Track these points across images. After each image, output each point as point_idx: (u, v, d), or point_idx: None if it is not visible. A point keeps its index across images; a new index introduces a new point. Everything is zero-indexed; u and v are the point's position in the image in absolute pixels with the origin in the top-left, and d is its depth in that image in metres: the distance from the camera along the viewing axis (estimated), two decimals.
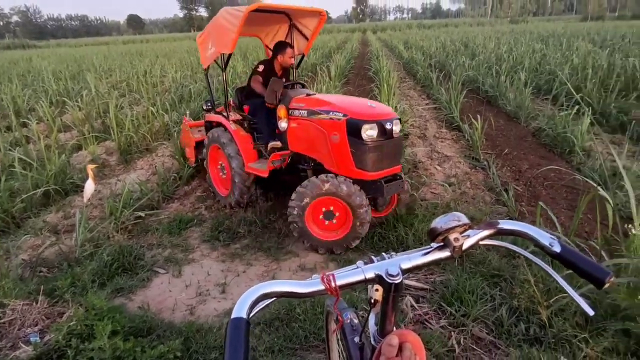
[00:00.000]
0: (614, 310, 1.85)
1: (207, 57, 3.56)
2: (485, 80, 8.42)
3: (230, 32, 3.15)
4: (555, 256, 0.59)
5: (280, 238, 3.29)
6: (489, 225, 0.66)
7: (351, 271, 0.63)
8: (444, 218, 0.61)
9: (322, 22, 3.95)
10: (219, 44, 3.38)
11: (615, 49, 10.45)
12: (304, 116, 3.08)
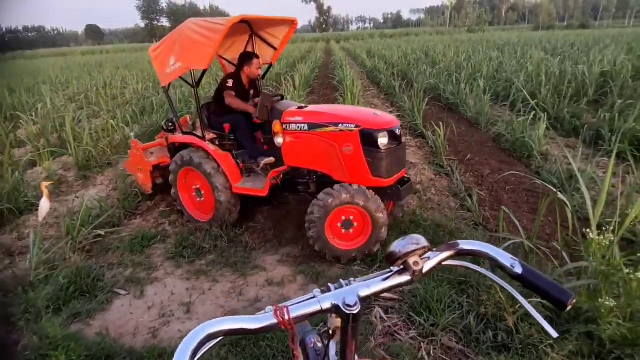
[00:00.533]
0: (577, 314, 1.90)
1: (170, 73, 3.21)
2: (446, 87, 8.69)
3: (205, 47, 2.94)
4: (517, 278, 0.57)
5: (247, 252, 3.20)
6: (449, 247, 0.63)
7: (307, 302, 0.58)
8: (402, 242, 0.58)
9: (292, 30, 3.93)
10: (187, 58, 3.07)
11: (566, 57, 11.10)
12: (304, 130, 3.01)
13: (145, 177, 4.00)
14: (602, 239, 1.76)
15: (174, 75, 3.20)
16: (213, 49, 2.94)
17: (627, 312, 1.71)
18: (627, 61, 8.86)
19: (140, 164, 3.98)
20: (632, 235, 2.65)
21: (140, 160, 3.96)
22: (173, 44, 3.24)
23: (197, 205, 3.67)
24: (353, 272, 2.83)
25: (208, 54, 2.94)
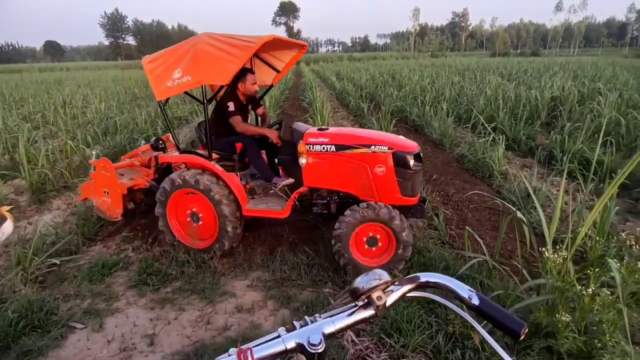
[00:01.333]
0: (537, 329, 1.97)
1: (172, 86, 3.00)
2: (412, 110, 9.01)
3: (227, 62, 2.86)
4: (474, 309, 0.60)
5: (215, 277, 3.11)
6: (410, 281, 0.65)
7: (271, 342, 0.58)
8: (365, 277, 0.59)
9: (300, 54, 3.93)
10: (202, 73, 2.92)
11: (520, 82, 11.85)
12: (331, 151, 3.03)
13: (116, 201, 3.63)
14: (556, 257, 1.86)
15: (178, 89, 3.01)
16: (237, 66, 2.88)
17: (581, 326, 1.80)
18: (573, 87, 9.59)
19: (108, 187, 3.62)
20: (584, 251, 2.80)
21: (110, 182, 3.60)
22: (180, 57, 3.05)
23: (190, 230, 3.44)
24: (324, 295, 2.81)
25: (230, 70, 2.87)
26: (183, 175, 3.24)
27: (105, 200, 3.68)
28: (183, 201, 3.38)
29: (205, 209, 3.30)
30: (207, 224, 3.35)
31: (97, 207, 3.75)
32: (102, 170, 3.62)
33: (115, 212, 3.66)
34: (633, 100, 7.93)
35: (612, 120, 6.64)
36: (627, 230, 3.78)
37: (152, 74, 3.14)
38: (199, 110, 9.73)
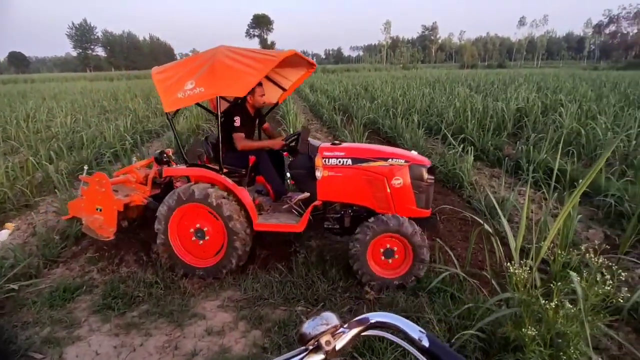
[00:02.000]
0: (506, 342, 2.00)
1: (183, 98, 2.93)
2: (384, 122, 9.16)
3: (246, 75, 2.88)
4: (424, 351, 0.59)
5: (185, 299, 3.01)
6: (359, 322, 0.64)
7: None
8: (312, 322, 0.57)
9: (309, 73, 3.93)
10: (218, 85, 2.89)
11: (487, 94, 12.29)
12: (348, 164, 3.08)
13: (110, 218, 3.41)
14: (520, 271, 1.90)
15: (189, 100, 2.95)
16: (256, 79, 2.93)
17: (547, 339, 1.83)
18: (537, 98, 10.03)
19: (102, 203, 3.39)
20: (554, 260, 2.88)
21: (105, 199, 3.38)
22: (195, 68, 3.01)
23: (193, 248, 3.28)
24: (297, 314, 2.77)
25: (249, 82, 2.90)
26: (192, 189, 3.11)
27: (97, 218, 3.45)
28: (187, 217, 3.24)
29: (213, 225, 3.19)
30: (213, 241, 3.23)
31: (86, 226, 3.52)
32: (95, 186, 3.42)
33: (108, 230, 3.44)
34: (592, 112, 8.35)
35: (573, 131, 6.96)
36: (590, 237, 3.96)
37: (161, 85, 3.06)
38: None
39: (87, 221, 3.47)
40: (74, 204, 3.56)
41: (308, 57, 3.64)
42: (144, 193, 3.66)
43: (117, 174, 3.93)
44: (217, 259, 3.23)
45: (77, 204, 3.53)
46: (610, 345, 2.41)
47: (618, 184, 4.58)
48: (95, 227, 3.44)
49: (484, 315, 2.18)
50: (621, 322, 2.60)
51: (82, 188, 3.52)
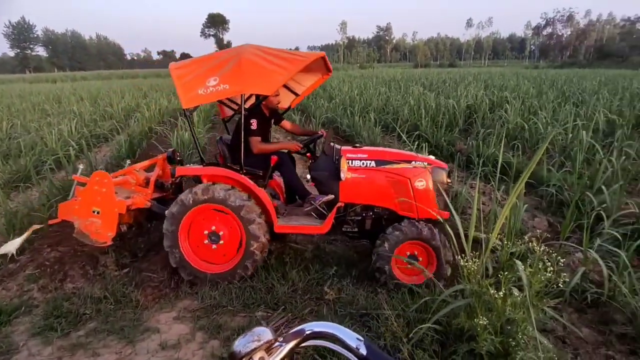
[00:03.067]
0: (461, 333, 2.06)
1: (204, 94, 2.82)
2: (342, 120, 9.23)
3: (274, 74, 2.85)
4: (362, 359, 0.57)
5: (137, 312, 2.85)
6: (295, 335, 0.61)
7: None
8: (243, 340, 0.54)
9: (324, 79, 3.85)
10: (244, 82, 2.83)
11: (440, 92, 12.74)
12: (371, 166, 3.09)
13: (109, 222, 3.17)
14: (470, 264, 1.97)
15: (211, 97, 2.83)
16: (284, 78, 2.90)
17: (497, 327, 1.91)
18: (485, 96, 10.53)
19: (101, 205, 3.15)
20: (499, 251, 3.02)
21: (105, 200, 3.15)
22: (219, 65, 2.93)
23: (204, 252, 3.13)
24: (257, 319, 2.70)
25: (277, 81, 2.86)
26: (211, 189, 2.97)
27: (93, 221, 3.18)
28: (201, 219, 3.08)
29: (229, 229, 3.05)
30: (228, 246, 3.09)
31: (78, 231, 3.22)
32: (95, 186, 3.16)
33: (105, 235, 3.18)
34: (534, 107, 8.90)
35: (517, 126, 7.38)
36: (535, 225, 4.21)
37: (180, 80, 2.91)
38: (121, 127, 9.07)
39: (80, 225, 3.20)
40: (66, 205, 3.26)
41: (329, 63, 3.55)
42: (146, 195, 3.43)
43: (114, 176, 3.61)
44: (231, 264, 3.10)
45: (69, 206, 3.23)
46: (555, 327, 2.56)
47: (558, 174, 4.90)
48: (91, 232, 3.18)
49: (440, 307, 2.24)
50: (564, 304, 2.78)
51: (78, 188, 3.26)
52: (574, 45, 69.54)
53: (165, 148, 6.54)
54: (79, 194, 3.21)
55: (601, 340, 2.49)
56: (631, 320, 2.51)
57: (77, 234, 3.23)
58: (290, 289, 2.97)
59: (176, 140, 6.47)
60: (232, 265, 3.09)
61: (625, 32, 65.31)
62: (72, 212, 3.22)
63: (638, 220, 3.71)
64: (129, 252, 3.67)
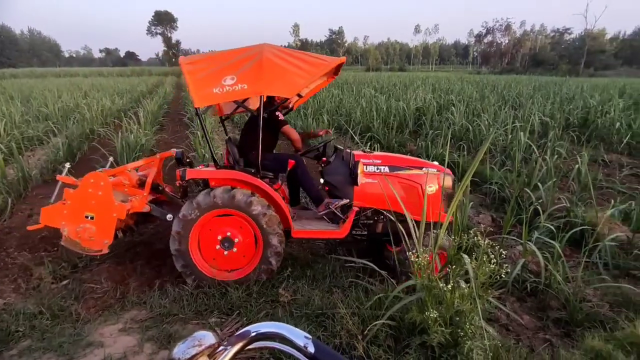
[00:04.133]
0: (413, 327, 2.12)
1: (220, 93, 2.66)
2: (296, 122, 9.23)
3: (296, 76, 2.78)
4: (310, 357, 0.56)
5: (78, 327, 2.64)
6: (240, 337, 0.59)
7: None
8: (183, 345, 0.51)
9: (327, 83, 3.81)
10: (263, 83, 2.70)
11: (391, 95, 13.14)
12: (385, 172, 3.14)
13: (106, 228, 2.92)
14: (421, 259, 2.04)
15: (227, 96, 2.69)
16: (306, 81, 2.87)
17: (447, 319, 1.99)
18: (433, 99, 11.01)
19: (96, 209, 2.88)
20: None
21: (102, 204, 2.87)
22: (237, 63, 2.81)
23: (214, 258, 2.98)
24: (211, 325, 2.61)
25: (298, 84, 2.81)
26: (232, 194, 2.84)
27: (86, 227, 2.89)
28: (215, 224, 2.94)
29: (245, 235, 2.94)
30: (242, 252, 2.97)
31: (67, 238, 2.89)
32: (89, 189, 2.87)
33: (101, 242, 2.92)
34: (477, 110, 9.43)
35: (463, 127, 7.78)
36: (480, 221, 4.45)
37: (192, 76, 2.75)
38: (58, 128, 8.41)
39: (70, 232, 2.89)
40: (52, 210, 2.92)
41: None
42: (143, 198, 3.15)
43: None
44: (243, 272, 3.01)
45: (56, 210, 2.91)
46: (499, 316, 2.72)
47: (500, 172, 5.23)
48: (83, 239, 2.90)
49: (393, 303, 2.29)
50: (507, 293, 2.96)
51: (67, 191, 2.91)
52: (511, 53, 74.84)
53: (108, 151, 6.16)
54: (68, 197, 2.91)
55: (540, 326, 2.67)
56: (565, 306, 2.73)
57: (65, 242, 2.94)
58: (244, 293, 2.90)
59: (121, 143, 6.10)
60: (245, 274, 3.01)
61: (555, 42, 71.39)
62: (60, 217, 2.92)
63: (569, 213, 4.04)
64: (68, 262, 3.40)
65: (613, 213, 3.87)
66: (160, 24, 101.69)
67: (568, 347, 2.38)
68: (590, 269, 3.26)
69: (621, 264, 3.31)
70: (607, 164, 6.57)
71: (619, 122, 8.09)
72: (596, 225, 3.48)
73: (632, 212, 3.98)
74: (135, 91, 18.41)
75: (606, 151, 7.18)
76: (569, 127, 8.49)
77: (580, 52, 51.74)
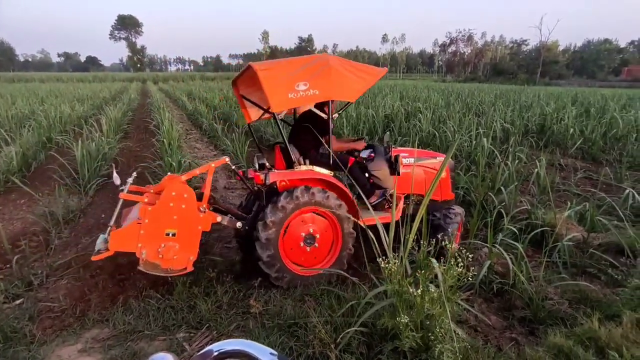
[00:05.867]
0: (385, 333, 2.12)
1: (295, 98, 2.89)
2: (266, 129, 9.16)
3: (356, 83, 3.17)
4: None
5: (32, 349, 2.46)
6: (201, 358, 0.56)
7: None
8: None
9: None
10: (332, 89, 3.02)
11: (360, 102, 13.31)
12: (414, 163, 3.67)
13: (191, 243, 2.74)
14: (391, 265, 2.06)
15: (300, 101, 2.93)
16: (365, 88, 3.27)
17: (418, 323, 2.01)
18: (401, 106, 11.26)
19: (179, 225, 2.70)
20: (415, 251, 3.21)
21: (185, 218, 2.72)
22: (308, 71, 3.00)
23: (299, 256, 3.11)
24: (179, 341, 2.51)
25: (359, 90, 3.21)
26: (312, 192, 3.05)
27: (169, 246, 2.68)
28: (297, 223, 3.09)
29: (323, 230, 3.15)
30: (322, 247, 3.17)
31: (146, 262, 2.62)
32: (170, 202, 2.66)
33: (186, 259, 2.72)
34: (443, 117, 9.73)
35: (430, 134, 7.99)
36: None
37: (268, 82, 2.86)
38: (11, 137, 7.92)
39: (149, 254, 2.63)
40: (125, 233, 2.64)
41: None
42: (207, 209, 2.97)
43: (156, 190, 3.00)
44: (325, 265, 3.20)
45: (130, 233, 2.63)
46: (468, 317, 2.78)
47: (465, 177, 5.39)
48: (165, 260, 2.68)
49: (365, 310, 2.29)
50: (475, 295, 3.03)
51: (144, 208, 2.63)
52: (474, 62, 78.06)
53: (67, 160, 5.87)
54: (145, 215, 2.65)
55: (506, 325, 2.75)
56: (529, 305, 2.83)
57: (144, 266, 2.67)
58: (214, 305, 2.82)
59: (81, 152, 5.82)
60: (332, 262, 3.22)
61: (514, 52, 75.12)
62: (135, 239, 2.65)
63: (530, 215, 4.22)
64: (22, 280, 3.19)
65: (570, 214, 4.08)
66: (124, 28, 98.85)
67: (533, 345, 2.46)
68: (550, 268, 3.41)
69: (578, 263, 3.48)
70: (563, 167, 6.94)
71: (573, 128, 8.59)
72: (555, 226, 3.65)
73: (587, 213, 4.21)
74: (98, 97, 17.71)
75: (562, 155, 7.59)
76: (528, 133, 8.92)
77: (536, 62, 54.77)
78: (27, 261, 3.48)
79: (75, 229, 4.35)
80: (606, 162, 7.23)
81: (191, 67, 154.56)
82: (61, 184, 5.38)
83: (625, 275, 3.21)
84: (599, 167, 6.74)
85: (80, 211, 4.82)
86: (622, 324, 2.39)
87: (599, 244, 3.78)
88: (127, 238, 2.65)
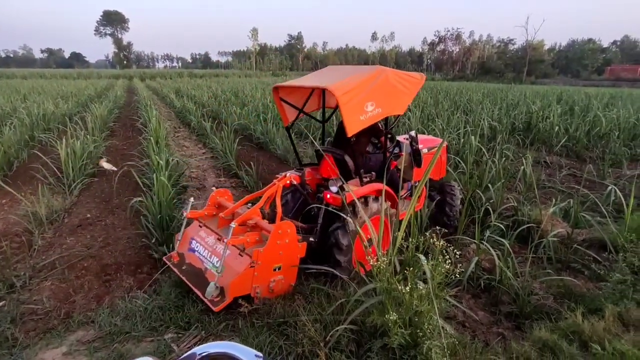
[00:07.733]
0: (375, 330, 2.13)
1: (364, 119, 2.97)
2: (255, 127, 9.10)
3: (404, 95, 3.31)
4: None
5: (15, 353, 2.41)
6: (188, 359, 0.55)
7: None
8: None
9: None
10: (389, 105, 3.18)
11: None
12: (426, 152, 4.04)
13: (293, 272, 2.90)
14: (379, 263, 2.06)
15: (368, 121, 3.00)
16: (410, 99, 3.39)
17: (406, 320, 2.02)
18: None
19: (283, 259, 2.79)
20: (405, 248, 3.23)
21: (288, 251, 2.81)
22: (373, 90, 3.04)
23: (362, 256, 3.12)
24: (167, 343, 2.48)
25: (406, 102, 3.35)
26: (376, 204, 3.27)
27: (277, 280, 2.79)
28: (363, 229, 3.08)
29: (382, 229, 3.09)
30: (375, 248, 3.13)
31: (259, 299, 2.74)
32: (277, 240, 2.74)
33: (287, 285, 2.88)
34: (432, 115, 9.80)
35: (419, 132, 8.04)
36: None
37: (347, 107, 2.86)
38: None
39: (263, 292, 2.75)
40: (242, 280, 2.65)
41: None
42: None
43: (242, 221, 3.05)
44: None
45: (246, 278, 2.66)
46: (456, 313, 2.81)
47: (454, 174, 5.44)
48: (275, 292, 2.81)
49: (355, 307, 2.29)
50: (462, 291, 3.07)
51: (257, 252, 2.66)
52: (462, 61, 78.73)
53: (51, 159, 5.75)
54: (258, 258, 2.67)
55: (493, 320, 2.79)
56: (515, 300, 2.87)
57: (258, 302, 2.75)
58: (203, 305, 2.79)
59: (65, 150, 5.70)
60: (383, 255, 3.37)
61: (501, 51, 75.94)
62: (251, 282, 2.69)
63: (516, 212, 4.28)
64: (4, 282, 3.11)
65: (555, 211, 4.15)
66: (109, 24, 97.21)
67: (519, 339, 2.50)
68: (536, 263, 3.47)
69: (562, 258, 3.54)
70: (548, 165, 7.06)
71: (558, 126, 8.73)
72: (540, 223, 3.71)
73: (571, 209, 4.29)
74: (83, 95, 17.38)
75: (547, 153, 7.71)
76: (515, 131, 9.04)
77: (523, 61, 55.47)
78: (9, 262, 3.40)
79: (59, 229, 4.26)
80: (590, 160, 7.38)
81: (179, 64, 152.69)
82: (45, 183, 5.26)
83: (607, 270, 3.28)
84: (582, 165, 6.87)
85: (64, 211, 4.73)
86: (604, 318, 2.45)
87: (583, 240, 3.85)
88: (244, 283, 2.70)
